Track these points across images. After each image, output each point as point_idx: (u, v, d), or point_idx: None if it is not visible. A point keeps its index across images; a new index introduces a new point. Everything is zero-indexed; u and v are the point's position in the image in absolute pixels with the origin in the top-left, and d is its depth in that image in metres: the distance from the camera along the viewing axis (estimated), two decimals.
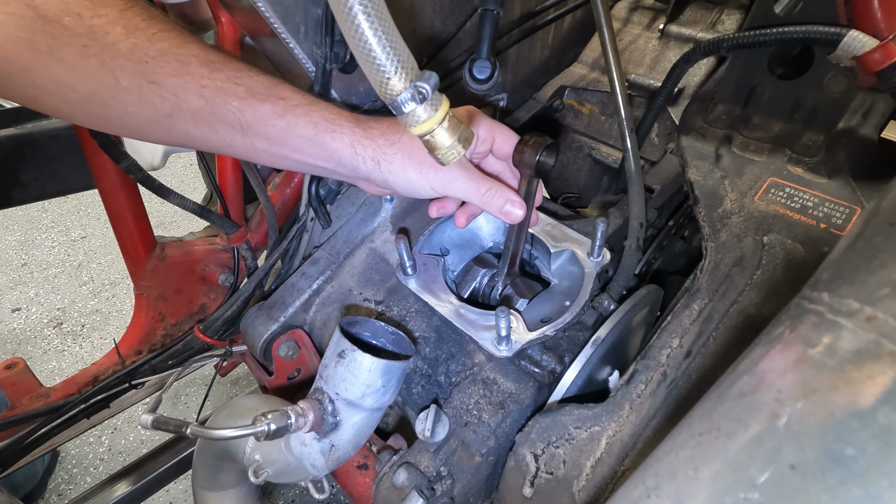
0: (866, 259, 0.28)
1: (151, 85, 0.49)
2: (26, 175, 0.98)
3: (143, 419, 0.58)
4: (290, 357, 0.79)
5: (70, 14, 0.45)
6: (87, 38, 0.46)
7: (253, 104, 0.53)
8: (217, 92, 0.52)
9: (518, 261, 0.69)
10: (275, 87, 0.55)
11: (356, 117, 0.58)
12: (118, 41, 0.47)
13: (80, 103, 0.50)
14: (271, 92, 0.54)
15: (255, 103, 0.53)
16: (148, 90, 0.50)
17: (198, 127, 0.54)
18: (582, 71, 1.08)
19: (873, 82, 0.57)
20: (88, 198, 2.75)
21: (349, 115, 0.58)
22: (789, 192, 0.69)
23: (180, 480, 1.38)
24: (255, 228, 1.13)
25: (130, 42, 0.47)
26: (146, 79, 0.49)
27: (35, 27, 0.44)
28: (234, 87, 0.52)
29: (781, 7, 0.67)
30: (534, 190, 0.63)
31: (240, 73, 0.53)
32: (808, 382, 0.26)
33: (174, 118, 0.53)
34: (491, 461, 0.60)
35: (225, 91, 0.52)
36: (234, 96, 0.52)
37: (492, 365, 0.64)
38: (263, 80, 0.54)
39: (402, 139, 0.57)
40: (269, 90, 0.54)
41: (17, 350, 2.00)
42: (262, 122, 0.54)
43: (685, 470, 0.28)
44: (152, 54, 0.48)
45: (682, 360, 0.58)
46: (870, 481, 0.22)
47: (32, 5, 0.43)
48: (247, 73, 0.53)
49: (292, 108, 0.55)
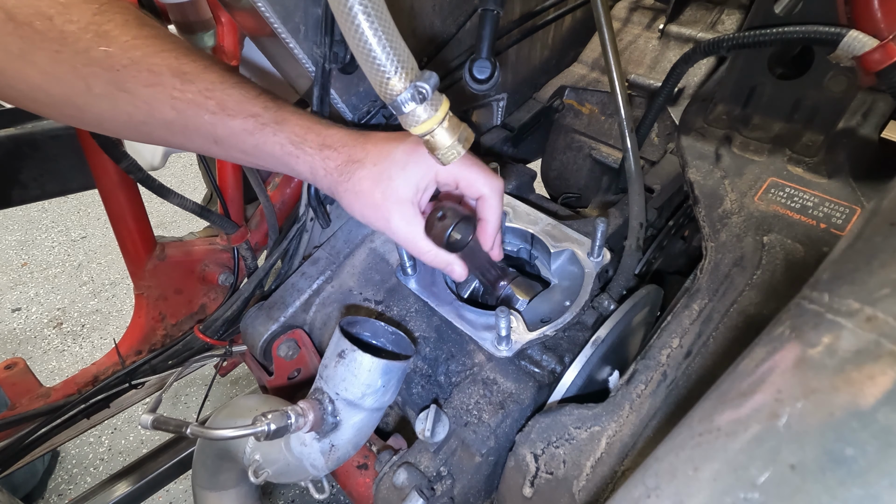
0: (866, 259, 0.28)
1: (124, 93, 0.49)
2: (26, 175, 0.98)
3: (143, 419, 0.58)
4: (290, 357, 0.79)
5: (41, 18, 0.44)
6: (59, 44, 0.45)
7: (224, 119, 0.52)
8: (188, 105, 0.51)
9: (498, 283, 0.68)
10: (245, 103, 0.53)
11: (322, 140, 0.56)
12: (90, 48, 0.46)
13: (54, 106, 0.50)
14: (242, 108, 0.53)
15: (227, 119, 0.52)
16: (121, 98, 0.49)
17: (174, 136, 0.54)
18: (582, 71, 1.08)
19: (873, 82, 0.57)
20: (88, 198, 2.75)
21: (317, 135, 0.56)
22: (789, 192, 0.69)
23: (180, 480, 1.38)
24: (255, 228, 1.13)
25: (102, 50, 0.46)
26: (118, 87, 0.48)
27: (6, 29, 0.43)
28: (206, 101, 0.51)
29: (781, 7, 0.67)
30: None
31: (212, 87, 0.51)
32: (808, 382, 0.26)
33: (149, 125, 0.53)
34: (491, 461, 0.60)
35: (196, 104, 0.51)
36: (206, 110, 0.52)
37: (492, 365, 0.64)
38: (235, 95, 0.53)
39: (352, 178, 0.55)
40: (239, 106, 0.53)
41: (17, 350, 2.00)
42: (235, 137, 0.54)
43: (685, 470, 0.28)
44: (124, 63, 0.47)
45: (682, 360, 0.58)
46: (870, 481, 0.22)
47: (4, 7, 0.43)
48: (220, 86, 0.52)
49: (261, 127, 0.54)
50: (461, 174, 0.56)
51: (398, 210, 0.55)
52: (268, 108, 0.54)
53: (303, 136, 0.55)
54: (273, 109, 0.54)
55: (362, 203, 0.56)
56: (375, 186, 0.55)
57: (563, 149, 1.09)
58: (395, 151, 0.55)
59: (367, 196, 0.55)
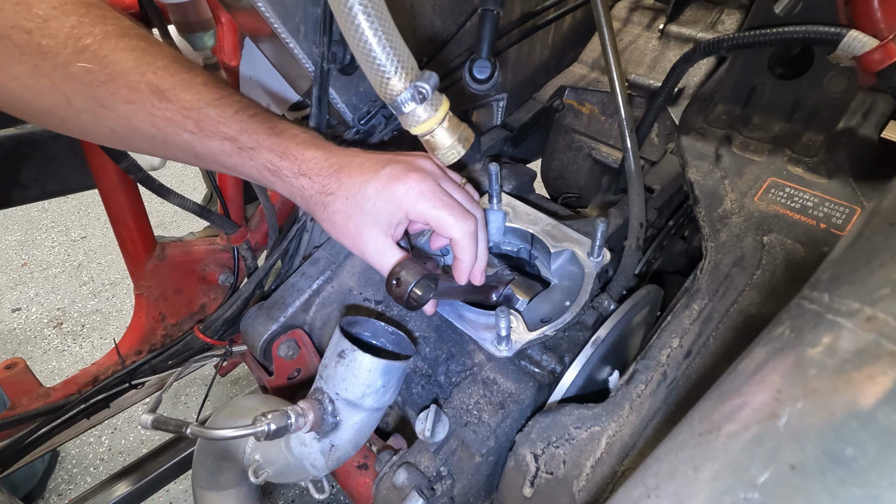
0: (866, 259, 0.28)
1: (104, 109, 0.49)
2: (26, 175, 0.98)
3: (143, 419, 0.58)
4: (290, 357, 0.79)
5: (19, 32, 0.44)
6: (38, 58, 0.45)
7: (202, 139, 0.52)
8: (167, 123, 0.50)
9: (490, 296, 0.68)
10: (221, 125, 0.52)
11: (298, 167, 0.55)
12: (69, 63, 0.45)
13: (37, 116, 0.50)
14: (217, 130, 0.52)
15: (205, 139, 0.52)
16: (101, 113, 0.49)
17: (155, 149, 0.54)
18: (582, 71, 1.08)
19: (873, 82, 0.57)
20: (88, 198, 2.75)
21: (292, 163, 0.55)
22: (789, 192, 0.69)
23: (180, 480, 1.38)
24: (255, 228, 1.14)
25: (81, 66, 0.46)
26: (98, 103, 0.48)
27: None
28: (184, 121, 0.51)
29: (781, 7, 0.67)
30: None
31: (189, 106, 0.50)
32: (808, 382, 0.26)
33: (131, 139, 0.53)
34: (491, 461, 0.60)
35: (175, 123, 0.51)
36: (184, 129, 0.51)
37: (492, 365, 0.64)
38: (212, 116, 0.52)
39: (327, 209, 0.55)
40: (216, 127, 0.52)
41: (17, 350, 2.00)
42: (213, 156, 0.54)
43: (685, 470, 0.28)
44: (103, 79, 0.47)
45: (682, 360, 0.58)
46: (870, 481, 0.22)
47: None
48: (197, 104, 0.51)
49: (238, 151, 0.53)
50: (431, 215, 0.55)
51: (372, 242, 0.56)
52: (243, 130, 0.53)
53: (277, 164, 0.55)
54: (248, 133, 0.53)
55: (338, 232, 0.57)
56: (348, 220, 0.55)
57: (563, 149, 1.09)
58: (366, 187, 0.54)
59: (341, 227, 0.56)
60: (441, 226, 0.55)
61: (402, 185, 0.54)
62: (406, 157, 0.58)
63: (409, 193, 0.54)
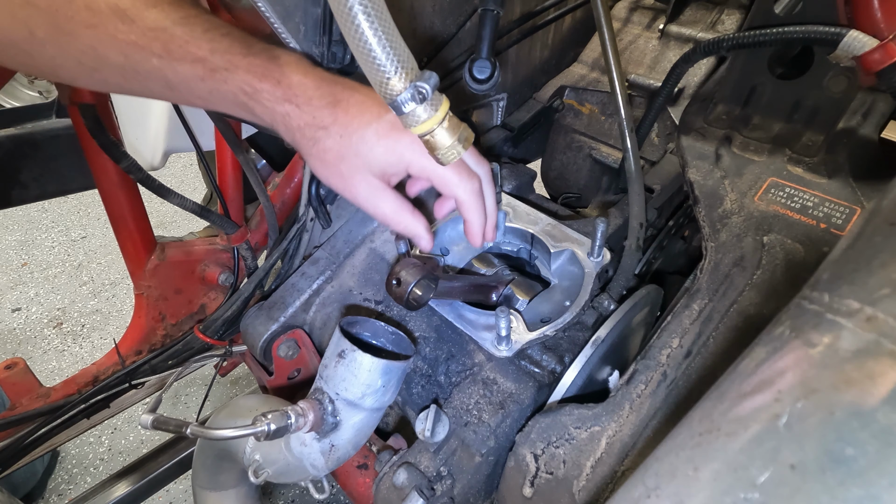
0: (866, 259, 0.28)
1: (67, 37, 0.45)
2: (26, 175, 0.98)
3: (143, 419, 0.58)
4: (290, 357, 0.79)
5: None
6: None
7: (172, 64, 0.47)
8: (133, 48, 0.46)
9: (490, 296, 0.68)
10: (190, 45, 0.47)
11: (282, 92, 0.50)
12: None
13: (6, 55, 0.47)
14: (186, 51, 0.47)
15: (174, 63, 0.47)
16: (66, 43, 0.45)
17: (128, 82, 0.50)
18: (582, 71, 1.08)
19: (873, 82, 0.57)
20: (88, 198, 2.75)
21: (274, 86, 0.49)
22: (789, 192, 0.69)
23: (180, 480, 1.38)
24: (255, 228, 1.13)
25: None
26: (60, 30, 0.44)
27: None
28: (150, 43, 0.46)
29: (781, 7, 0.67)
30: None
31: (155, 27, 0.45)
32: (808, 382, 0.26)
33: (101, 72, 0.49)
34: (491, 461, 0.60)
35: (141, 47, 0.46)
36: (152, 54, 0.46)
37: (492, 365, 0.64)
38: (180, 35, 0.46)
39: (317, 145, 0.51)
40: (184, 48, 0.47)
41: (17, 350, 2.00)
42: (186, 84, 0.49)
43: (685, 470, 0.28)
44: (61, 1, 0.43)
45: (682, 360, 0.58)
46: (870, 481, 0.22)
47: None
48: (163, 24, 0.46)
49: (211, 74, 0.48)
50: (436, 172, 0.51)
51: (364, 186, 0.52)
52: (215, 50, 0.48)
53: (255, 87, 0.49)
54: (220, 52, 0.48)
55: (328, 171, 0.53)
56: (341, 160, 0.51)
57: (563, 149, 1.09)
58: (367, 130, 0.50)
59: (332, 167, 0.52)
60: (444, 183, 0.52)
61: (407, 136, 0.50)
62: None
63: (413, 146, 0.50)
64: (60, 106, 1.08)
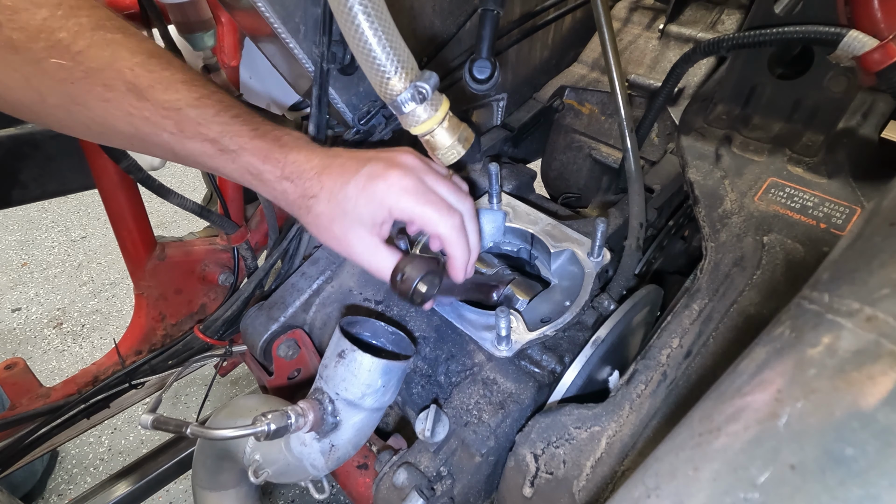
0: (866, 259, 0.28)
1: (79, 106, 0.47)
2: (26, 175, 0.98)
3: (143, 419, 0.58)
4: (290, 357, 0.79)
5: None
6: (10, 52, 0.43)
7: (182, 141, 0.50)
8: (145, 122, 0.48)
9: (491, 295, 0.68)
10: (202, 126, 0.50)
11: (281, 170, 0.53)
12: (41, 59, 0.43)
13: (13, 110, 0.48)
14: (197, 132, 0.50)
15: (185, 140, 0.50)
16: (76, 111, 0.47)
17: (134, 147, 0.53)
18: (582, 71, 1.08)
19: (873, 82, 0.57)
20: (88, 198, 2.75)
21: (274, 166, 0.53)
22: (789, 192, 0.69)
23: (180, 480, 1.38)
24: (255, 228, 1.14)
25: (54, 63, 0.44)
26: (73, 101, 0.46)
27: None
28: (163, 121, 0.49)
29: (781, 7, 0.67)
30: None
31: (168, 105, 0.48)
32: (808, 382, 0.26)
33: (108, 137, 0.51)
34: (491, 461, 0.60)
35: (153, 123, 0.49)
36: (163, 129, 0.49)
37: (492, 365, 0.64)
38: (192, 116, 0.49)
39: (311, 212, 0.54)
40: (196, 129, 0.50)
41: (17, 350, 2.00)
42: (194, 158, 0.52)
43: (685, 470, 0.28)
44: (77, 76, 0.45)
45: (682, 360, 0.58)
46: (870, 481, 0.22)
47: None
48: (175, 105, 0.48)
49: (219, 154, 0.51)
50: (415, 212, 0.53)
51: (358, 243, 0.55)
52: (225, 132, 0.51)
53: (259, 168, 0.53)
54: (230, 135, 0.51)
55: (325, 235, 0.56)
56: (332, 222, 0.54)
57: (563, 149, 1.09)
58: (347, 187, 0.52)
59: (326, 231, 0.55)
60: (426, 222, 0.54)
61: (382, 183, 0.52)
62: (387, 153, 0.56)
63: (390, 191, 0.52)
64: None
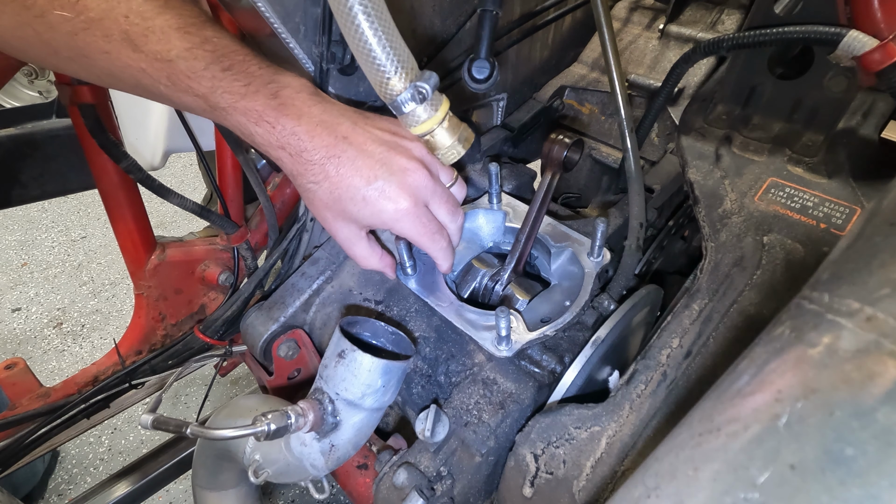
0: (866, 259, 0.28)
1: (86, 59, 0.48)
2: (26, 175, 0.98)
3: (143, 419, 0.58)
4: (290, 357, 0.79)
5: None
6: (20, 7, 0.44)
7: (177, 94, 0.50)
8: (142, 74, 0.48)
9: (524, 261, 0.70)
10: (191, 80, 0.49)
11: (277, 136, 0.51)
12: (46, 12, 0.44)
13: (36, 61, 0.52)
14: (188, 86, 0.49)
15: (179, 94, 0.50)
16: (86, 63, 0.49)
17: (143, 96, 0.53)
18: (582, 71, 1.08)
19: (873, 82, 0.57)
20: (88, 198, 2.75)
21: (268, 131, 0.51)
22: (789, 192, 0.69)
23: (180, 480, 1.38)
24: (255, 228, 1.13)
25: (58, 15, 0.44)
26: (80, 53, 0.47)
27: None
28: (157, 73, 0.48)
29: (781, 7, 0.67)
30: (553, 186, 0.69)
31: (159, 57, 0.47)
32: (808, 382, 0.26)
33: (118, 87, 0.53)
34: (491, 461, 0.60)
35: (149, 75, 0.48)
36: (159, 82, 0.49)
37: (492, 365, 0.64)
38: (182, 69, 0.48)
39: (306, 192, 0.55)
40: (185, 83, 0.49)
41: (17, 350, 2.00)
42: (192, 111, 0.52)
43: (685, 470, 0.28)
44: (80, 27, 0.45)
45: (682, 360, 0.58)
46: (870, 481, 0.22)
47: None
48: (166, 56, 0.47)
49: (212, 110, 0.51)
50: (411, 235, 0.58)
51: (344, 231, 0.59)
52: (214, 88, 0.49)
53: (250, 130, 0.51)
54: (220, 91, 0.49)
55: (315, 211, 0.58)
56: (327, 209, 0.56)
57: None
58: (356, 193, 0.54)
59: (318, 210, 0.57)
60: (418, 244, 0.60)
61: (391, 205, 0.54)
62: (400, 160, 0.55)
63: (396, 215, 0.55)
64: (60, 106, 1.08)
